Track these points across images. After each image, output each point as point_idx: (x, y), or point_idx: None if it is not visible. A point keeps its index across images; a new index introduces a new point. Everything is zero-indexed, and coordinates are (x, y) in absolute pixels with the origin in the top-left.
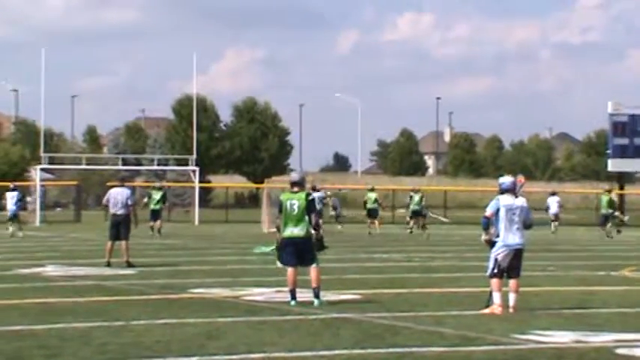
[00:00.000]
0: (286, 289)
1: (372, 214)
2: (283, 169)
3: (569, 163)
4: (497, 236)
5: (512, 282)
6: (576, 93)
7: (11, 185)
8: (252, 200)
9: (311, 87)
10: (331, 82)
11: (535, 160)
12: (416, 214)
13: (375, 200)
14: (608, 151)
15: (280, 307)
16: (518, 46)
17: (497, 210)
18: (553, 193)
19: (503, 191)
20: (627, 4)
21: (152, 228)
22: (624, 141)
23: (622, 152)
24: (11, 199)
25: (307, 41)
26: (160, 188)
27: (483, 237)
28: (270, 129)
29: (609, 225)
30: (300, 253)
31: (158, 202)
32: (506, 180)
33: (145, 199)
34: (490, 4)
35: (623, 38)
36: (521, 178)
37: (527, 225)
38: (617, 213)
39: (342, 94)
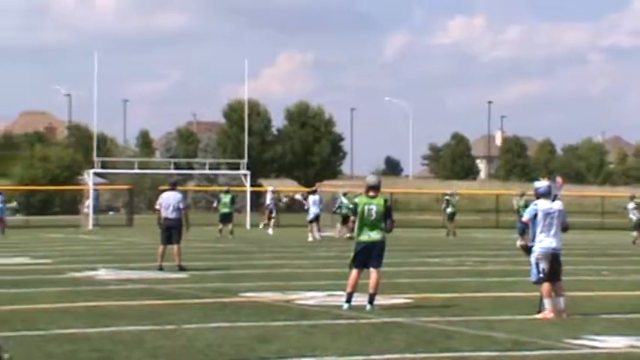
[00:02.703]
0: (338, 293)
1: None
2: (335, 174)
3: (622, 166)
4: (533, 240)
5: (556, 286)
6: (629, 96)
7: None
8: (303, 205)
9: (361, 90)
10: (381, 86)
11: (587, 164)
12: (452, 217)
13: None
14: None
15: (332, 311)
16: (570, 48)
17: (535, 215)
18: (632, 198)
19: (539, 196)
20: None
21: (220, 231)
22: None
23: None
24: None
25: (357, 44)
26: (227, 191)
27: (519, 242)
28: (322, 133)
29: None
30: (371, 256)
31: (227, 204)
32: (542, 184)
33: (215, 204)
34: (541, 7)
35: None
36: (560, 180)
37: (564, 228)
38: None
39: (393, 97)
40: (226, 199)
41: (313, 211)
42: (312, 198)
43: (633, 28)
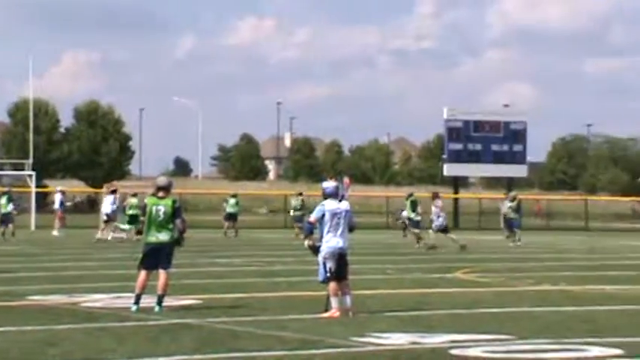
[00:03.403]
0: (126, 294)
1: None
2: (123, 174)
3: (406, 167)
4: (321, 240)
5: (342, 285)
6: (413, 99)
7: None
8: (90, 205)
9: (150, 90)
10: (170, 86)
11: (374, 165)
12: (231, 217)
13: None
14: (444, 156)
15: (119, 313)
16: (358, 51)
17: (323, 215)
18: (511, 199)
19: (327, 196)
20: (458, 12)
21: (3, 233)
22: (459, 146)
23: (457, 157)
24: None
25: (146, 44)
26: (6, 192)
27: (306, 242)
28: (111, 133)
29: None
30: (160, 258)
31: (4, 205)
32: (330, 185)
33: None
34: (330, 9)
35: (456, 46)
36: (347, 180)
37: (351, 228)
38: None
39: (181, 98)
40: (3, 200)
41: (107, 211)
42: (108, 198)
43: (418, 33)
